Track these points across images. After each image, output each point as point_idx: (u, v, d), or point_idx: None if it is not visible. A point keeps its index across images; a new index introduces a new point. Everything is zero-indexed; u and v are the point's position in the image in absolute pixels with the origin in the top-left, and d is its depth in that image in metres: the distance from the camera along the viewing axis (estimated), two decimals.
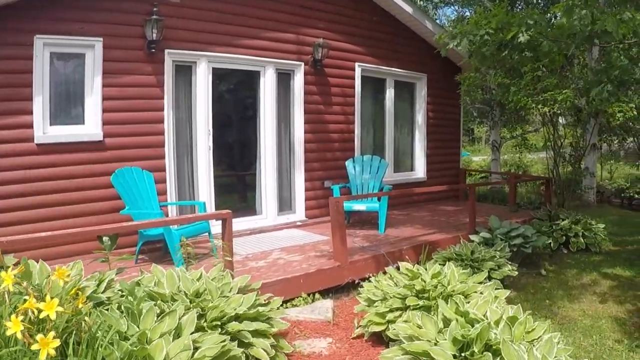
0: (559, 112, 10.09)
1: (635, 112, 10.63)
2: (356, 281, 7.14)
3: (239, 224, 9.04)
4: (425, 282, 5.44)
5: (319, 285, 6.86)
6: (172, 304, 4.32)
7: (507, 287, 7.35)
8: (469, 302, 4.87)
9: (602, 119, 11.93)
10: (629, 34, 6.65)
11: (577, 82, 10.17)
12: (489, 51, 7.49)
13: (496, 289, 5.75)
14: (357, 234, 9.19)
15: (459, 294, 5.24)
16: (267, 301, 5.03)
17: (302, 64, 9.97)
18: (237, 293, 4.87)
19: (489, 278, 7.03)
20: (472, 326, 4.09)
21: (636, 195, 19.46)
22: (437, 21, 19.85)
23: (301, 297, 6.63)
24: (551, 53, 7.09)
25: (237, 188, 10.24)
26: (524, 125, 20.47)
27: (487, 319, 4.22)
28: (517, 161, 24.27)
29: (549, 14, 12.55)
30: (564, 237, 10.00)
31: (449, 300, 4.98)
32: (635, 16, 5.83)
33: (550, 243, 9.61)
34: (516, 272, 7.54)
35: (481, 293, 5.38)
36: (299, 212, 10.17)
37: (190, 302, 4.48)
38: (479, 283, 5.78)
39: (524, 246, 8.59)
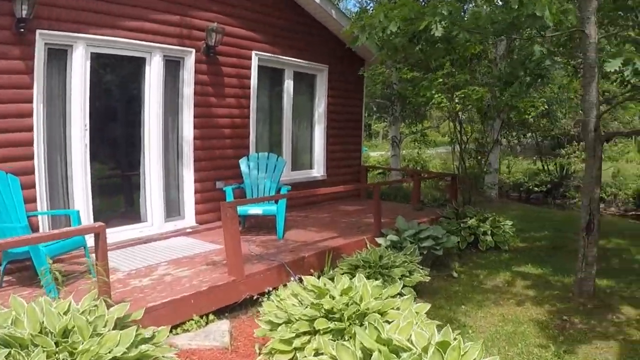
0: (470, 107, 9.90)
1: (546, 106, 10.63)
2: (254, 296, 6.46)
3: (121, 233, 8.19)
4: (334, 299, 4.94)
5: (212, 304, 6.16)
6: (32, 351, 3.57)
7: (419, 293, 7.14)
8: (387, 322, 4.44)
9: (504, 116, 11.87)
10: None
11: (483, 78, 10.07)
12: (401, 43, 7.11)
13: (414, 299, 5.35)
14: (254, 240, 8.56)
15: (375, 312, 4.79)
16: (152, 334, 4.32)
17: (193, 50, 9.10)
18: (115, 327, 4.16)
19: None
20: (398, 356, 3.63)
21: (536, 189, 20.07)
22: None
23: (193, 320, 5.90)
24: (467, 44, 6.80)
25: (119, 191, 9.31)
26: (423, 121, 20.59)
27: (413, 345, 3.75)
28: (415, 157, 24.48)
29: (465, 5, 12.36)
30: (473, 236, 9.95)
31: (365, 321, 4.55)
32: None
33: (458, 242, 9.43)
34: (429, 278, 7.28)
35: (398, 309, 4.96)
36: (189, 217, 9.37)
37: (57, 345, 3.74)
38: (394, 296, 5.34)
39: (435, 248, 8.37)
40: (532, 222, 12.64)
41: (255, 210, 8.66)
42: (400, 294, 5.68)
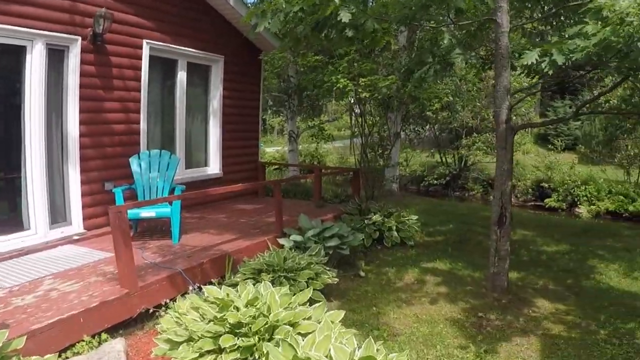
0: (377, 97, 9.72)
1: (451, 97, 10.66)
2: (150, 310, 5.93)
3: (1, 244, 7.44)
4: (240, 311, 4.59)
5: (105, 322, 5.55)
6: None
7: (327, 296, 6.87)
8: (300, 335, 4.15)
9: (405, 108, 11.85)
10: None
11: (388, 69, 9.97)
12: (304, 32, 6.85)
13: (328, 311, 5.10)
14: (148, 246, 7.92)
15: (286, 324, 4.47)
16: None
17: (79, 39, 8.28)
18: None
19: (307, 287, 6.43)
20: None
21: (435, 182, 20.41)
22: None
23: (84, 340, 5.26)
24: (375, 32, 6.62)
25: None
26: (320, 115, 20.50)
27: None
28: (312, 151, 24.36)
29: None
30: (378, 232, 9.79)
31: (276, 335, 4.21)
32: None
33: (363, 240, 9.26)
34: (337, 280, 7.02)
35: (310, 318, 4.68)
36: (76, 223, 8.53)
37: None
38: (304, 303, 5.10)
39: (341, 248, 8.13)
40: (436, 216, 12.72)
41: (147, 213, 8.10)
42: (311, 301, 5.44)
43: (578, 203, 18.37)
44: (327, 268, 7.04)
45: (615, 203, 17.67)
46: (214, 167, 11.82)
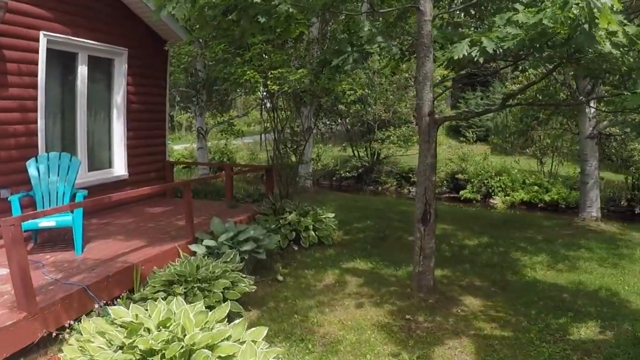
0: (288, 90, 9.33)
1: (365, 90, 10.42)
2: (54, 334, 5.39)
3: None
4: (151, 334, 4.17)
5: (1, 351, 4.89)
6: None
7: (245, 304, 6.51)
8: (221, 359, 3.82)
9: (317, 101, 11.53)
10: None
11: (301, 62, 9.65)
12: (214, 16, 6.44)
13: (248, 325, 4.76)
14: (48, 259, 7.17)
15: (204, 347, 4.10)
16: None
17: None
18: None
19: (224, 299, 6.06)
20: None
21: (348, 175, 20.32)
22: None
23: None
24: (289, 20, 6.29)
25: None
26: (229, 110, 20.04)
27: None
28: (222, 148, 23.80)
29: None
30: (294, 233, 9.47)
31: None
32: None
33: (279, 241, 8.88)
34: (254, 287, 6.67)
35: (230, 338, 4.34)
36: None
37: None
38: (222, 320, 4.75)
39: (257, 252, 7.78)
40: (353, 212, 12.53)
41: (47, 222, 7.39)
42: (229, 314, 5.10)
43: (493, 194, 18.79)
44: (244, 275, 6.69)
45: (529, 193, 18.19)
46: (119, 168, 11.11)
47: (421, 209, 7.29)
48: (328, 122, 19.32)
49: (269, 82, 9.12)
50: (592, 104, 11.65)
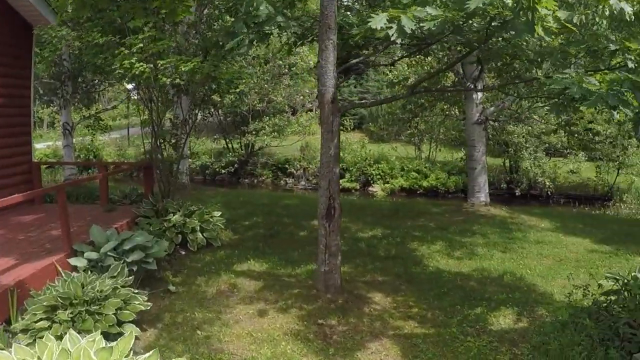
0: (179, 82, 8.41)
1: (255, 80, 9.73)
2: None
3: None
4: None
5: None
6: None
7: (139, 323, 5.83)
8: None
9: (197, 89, 10.65)
10: None
11: (180, 46, 8.82)
12: None
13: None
14: None
15: None
16: None
17: None
18: None
19: (118, 322, 5.27)
20: None
21: (223, 170, 19.52)
22: None
23: None
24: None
25: None
26: (96, 103, 18.68)
27: None
28: (87, 145, 22.16)
29: None
30: (180, 236, 8.69)
31: None
32: None
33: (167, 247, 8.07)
34: (150, 305, 5.94)
35: None
36: None
37: None
38: (127, 354, 3.99)
39: (146, 261, 7.02)
40: (238, 209, 11.86)
41: None
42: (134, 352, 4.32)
43: (372, 182, 18.73)
44: (135, 290, 5.95)
45: (409, 180, 18.40)
46: None
47: (325, 203, 6.86)
48: (202, 114, 18.37)
49: (159, 75, 8.14)
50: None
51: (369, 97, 23.78)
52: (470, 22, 5.36)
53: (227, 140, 20.82)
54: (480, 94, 12.36)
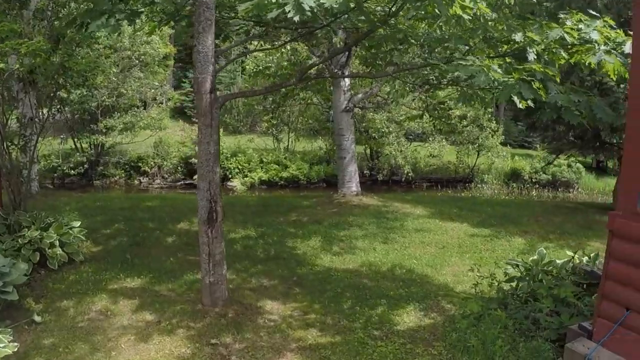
0: (20, 69, 7.29)
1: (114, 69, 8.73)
2: None
3: None
4: None
5: None
6: None
7: None
8: None
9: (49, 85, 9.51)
10: None
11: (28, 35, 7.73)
12: None
13: None
14: None
15: None
16: None
17: None
18: None
19: None
20: None
21: (72, 172, 18.02)
22: None
23: None
24: None
25: None
26: None
27: None
28: None
29: None
30: (38, 253, 7.56)
31: None
32: None
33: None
34: (17, 345, 5.02)
35: None
36: None
37: None
38: None
39: (5, 291, 5.97)
40: (96, 216, 10.69)
41: None
42: None
43: (230, 177, 18.08)
44: None
45: (269, 172, 17.98)
46: None
47: (206, 207, 6.22)
48: (49, 112, 16.70)
49: None
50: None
51: (222, 88, 23.07)
52: None
53: (76, 139, 19.22)
54: (348, 81, 12.10)
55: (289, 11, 4.27)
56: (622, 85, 9.62)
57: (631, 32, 4.95)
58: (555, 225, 10.75)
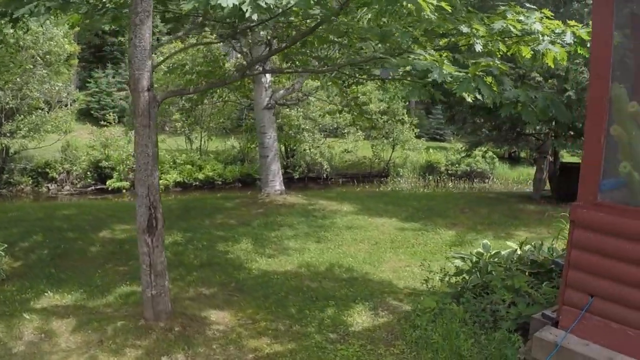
0: None
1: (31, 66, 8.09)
2: None
3: None
4: None
5: None
6: None
7: None
8: None
9: None
10: None
11: None
12: None
13: None
14: None
15: None
16: None
17: None
18: None
19: None
20: None
21: None
22: None
23: None
24: None
25: None
26: None
27: None
28: None
29: None
30: None
31: None
32: None
33: None
34: None
35: None
36: None
37: None
38: None
39: None
40: (10, 228, 9.86)
41: None
42: None
43: None
44: None
45: (183, 173, 17.49)
46: None
47: (145, 214, 5.84)
48: None
49: None
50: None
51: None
52: None
53: None
54: (269, 77, 11.91)
55: (247, 10, 4.03)
56: (550, 81, 9.89)
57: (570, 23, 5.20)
58: (481, 216, 11.01)
